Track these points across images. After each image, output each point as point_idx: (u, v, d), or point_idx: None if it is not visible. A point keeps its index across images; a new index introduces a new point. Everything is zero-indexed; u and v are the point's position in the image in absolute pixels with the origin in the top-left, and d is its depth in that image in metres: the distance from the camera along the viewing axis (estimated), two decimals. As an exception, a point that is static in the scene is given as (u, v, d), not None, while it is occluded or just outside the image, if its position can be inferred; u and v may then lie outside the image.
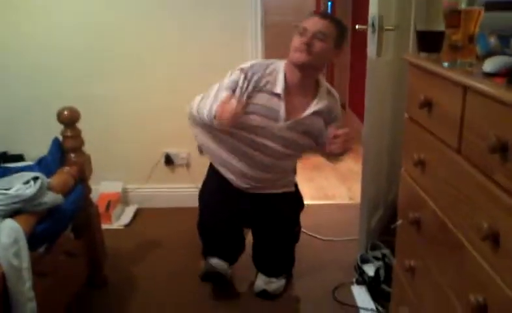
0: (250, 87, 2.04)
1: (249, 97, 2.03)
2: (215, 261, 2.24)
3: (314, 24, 2.01)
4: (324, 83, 2.19)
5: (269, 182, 2.20)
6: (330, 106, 2.15)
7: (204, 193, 2.32)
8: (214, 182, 2.27)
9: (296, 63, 2.03)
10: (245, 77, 2.04)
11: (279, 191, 2.24)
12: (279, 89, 2.04)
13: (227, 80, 2.08)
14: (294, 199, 2.34)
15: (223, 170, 2.20)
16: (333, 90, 2.22)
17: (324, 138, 2.11)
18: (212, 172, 2.27)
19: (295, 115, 2.08)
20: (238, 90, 2.03)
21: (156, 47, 3.00)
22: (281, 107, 2.04)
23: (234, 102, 1.95)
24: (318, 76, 2.15)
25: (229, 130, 2.05)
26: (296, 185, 2.35)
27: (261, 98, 2.05)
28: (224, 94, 2.03)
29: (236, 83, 2.05)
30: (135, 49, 3.00)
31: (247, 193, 2.20)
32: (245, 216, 2.27)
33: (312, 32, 1.99)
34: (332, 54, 2.09)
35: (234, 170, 2.16)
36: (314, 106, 2.10)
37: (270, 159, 2.11)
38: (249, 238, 2.40)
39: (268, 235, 2.30)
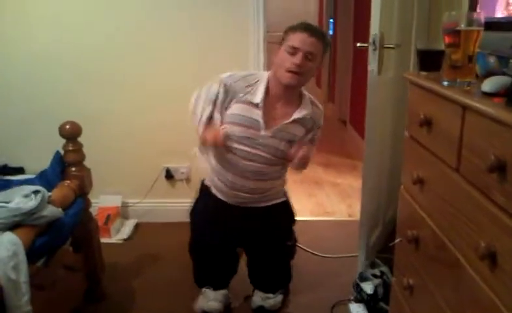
0: (229, 99, 2.06)
1: (228, 108, 2.06)
2: (207, 304, 2.23)
3: (303, 43, 1.97)
4: (307, 94, 2.17)
5: (260, 193, 2.16)
6: (314, 115, 2.13)
7: (194, 214, 2.29)
8: (205, 203, 2.25)
9: (288, 85, 2.03)
10: (225, 90, 2.05)
11: (270, 203, 2.21)
12: (257, 99, 2.04)
13: (207, 92, 2.07)
14: (285, 212, 2.31)
15: (214, 184, 2.18)
16: (317, 102, 2.20)
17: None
18: (203, 193, 2.26)
19: (276, 123, 2.07)
20: (218, 104, 2.05)
21: (156, 62, 3.02)
22: (260, 116, 2.04)
23: (214, 131, 1.99)
24: (301, 88, 2.14)
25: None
26: (287, 198, 2.32)
27: (241, 109, 2.05)
28: (207, 110, 2.05)
29: (217, 95, 2.05)
30: (135, 64, 3.02)
31: (237, 211, 2.16)
32: (237, 234, 2.24)
33: (303, 53, 1.97)
34: (317, 66, 2.08)
35: (226, 182, 2.13)
36: (296, 114, 2.08)
37: (261, 167, 2.09)
38: (243, 256, 2.38)
39: (261, 251, 2.29)
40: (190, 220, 2.31)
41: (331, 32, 6.79)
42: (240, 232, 2.23)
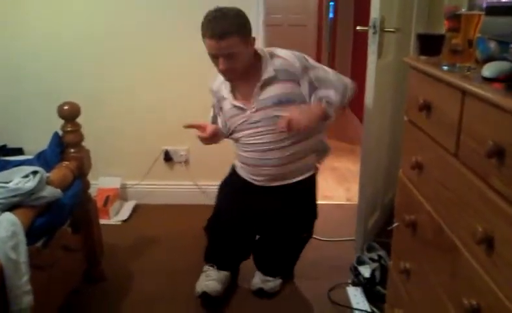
0: (218, 101, 2.23)
1: (220, 109, 2.23)
2: (207, 284, 2.21)
3: (217, 49, 1.95)
4: (266, 52, 2.13)
5: (280, 168, 2.14)
6: (283, 65, 2.08)
7: (221, 192, 2.34)
8: (232, 182, 2.30)
9: (231, 82, 2.13)
10: (214, 95, 2.24)
11: (299, 178, 2.18)
12: (224, 92, 2.17)
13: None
14: (311, 205, 2.31)
15: (239, 164, 2.26)
16: (279, 51, 2.14)
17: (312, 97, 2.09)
18: (232, 172, 2.32)
19: (251, 97, 2.09)
20: (217, 109, 2.26)
21: (156, 44, 3.00)
22: (235, 102, 2.13)
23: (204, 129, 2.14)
24: (253, 58, 2.09)
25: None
26: (314, 194, 2.32)
27: (224, 105, 2.19)
28: (211, 113, 2.29)
29: (213, 103, 2.28)
30: (135, 46, 3.00)
31: (262, 192, 2.19)
32: (259, 217, 2.24)
33: (222, 57, 1.97)
34: (248, 46, 2.04)
35: (247, 161, 2.18)
36: (262, 78, 2.07)
37: (266, 142, 2.10)
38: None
39: (276, 236, 2.30)
40: (217, 195, 2.35)
41: (331, 15, 6.74)
42: (262, 215, 2.24)
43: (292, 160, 2.13)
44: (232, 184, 2.30)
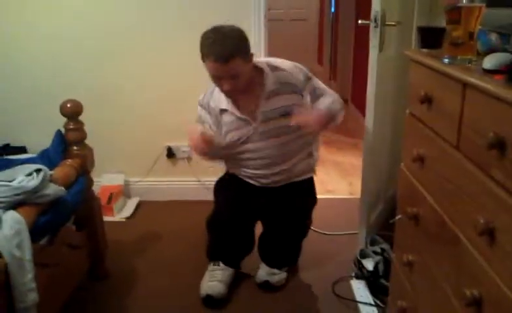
0: (213, 115, 2.17)
1: (218, 123, 2.16)
2: (210, 285, 2.22)
3: (221, 71, 1.95)
4: (265, 64, 2.13)
5: (286, 173, 2.20)
6: (285, 78, 2.11)
7: (219, 188, 2.35)
8: (230, 179, 2.31)
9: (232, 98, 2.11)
10: (207, 110, 2.20)
11: (299, 178, 2.26)
12: (224, 105, 2.13)
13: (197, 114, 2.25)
14: (310, 191, 2.35)
15: (237, 173, 2.27)
16: (281, 63, 2.15)
17: (310, 105, 2.14)
18: (228, 172, 2.34)
19: (255, 110, 2.10)
20: (207, 125, 2.19)
21: (158, 40, 3.00)
22: (238, 115, 2.11)
23: (199, 139, 2.04)
24: (253, 72, 2.09)
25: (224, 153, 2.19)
26: (313, 175, 2.35)
27: (223, 118, 2.15)
28: (195, 128, 2.16)
29: (202, 118, 2.23)
30: (137, 43, 3.01)
31: (262, 190, 2.23)
32: (259, 210, 2.29)
33: (227, 78, 1.97)
34: (249, 63, 2.03)
35: (251, 175, 2.22)
36: (265, 91, 2.08)
37: (274, 152, 2.14)
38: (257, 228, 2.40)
39: (280, 226, 2.31)
40: (214, 193, 2.36)
41: (332, 9, 6.73)
42: (262, 208, 2.28)
43: (294, 166, 2.21)
44: (230, 181, 2.31)
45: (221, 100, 2.13)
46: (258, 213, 2.32)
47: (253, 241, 2.39)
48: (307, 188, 2.33)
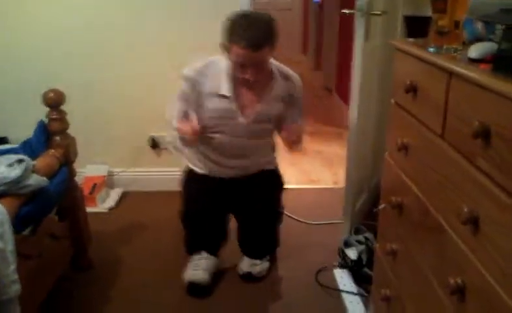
0: (196, 93, 2.07)
1: (200, 104, 2.07)
2: (194, 273, 2.22)
3: (249, 59, 1.90)
4: (276, 67, 2.13)
5: (249, 166, 2.24)
6: (290, 89, 2.15)
7: (185, 185, 2.32)
8: (194, 176, 2.28)
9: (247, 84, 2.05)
10: (191, 85, 2.07)
11: (260, 169, 2.27)
12: (225, 90, 2.04)
13: (177, 94, 2.14)
14: (275, 178, 2.35)
15: (198, 166, 2.25)
16: (291, 73, 2.17)
17: (284, 122, 2.14)
18: (190, 171, 2.31)
19: (252, 107, 2.09)
20: (191, 102, 2.07)
21: (143, 32, 2.97)
22: (233, 106, 2.06)
23: (189, 125, 2.01)
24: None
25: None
26: (276, 166, 2.37)
27: (212, 102, 2.07)
28: (179, 105, 2.11)
29: (186, 93, 2.09)
30: (122, 33, 2.97)
31: (226, 181, 2.23)
32: (229, 201, 2.29)
33: (252, 66, 1.93)
34: (271, 57, 2.04)
35: (213, 165, 2.21)
36: (270, 94, 2.09)
37: (243, 149, 2.17)
38: (233, 224, 2.40)
39: (251, 217, 2.31)
40: (181, 189, 2.33)
41: (317, -1, 6.73)
42: (230, 199, 2.27)
43: (250, 164, 2.24)
44: (195, 175, 2.28)
45: (221, 86, 2.05)
46: (228, 206, 2.32)
47: (226, 230, 2.38)
48: (271, 175, 2.33)
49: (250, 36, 1.86)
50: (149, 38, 2.98)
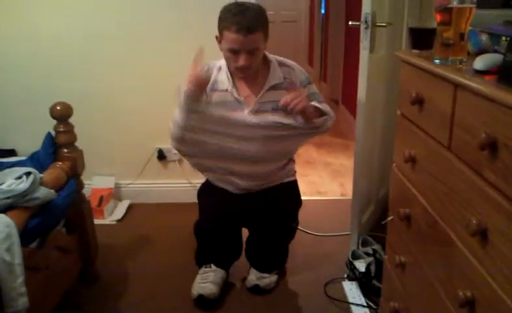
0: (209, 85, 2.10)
1: (207, 100, 2.11)
2: (202, 286, 2.19)
3: (241, 44, 1.95)
4: (273, 58, 2.19)
5: (267, 177, 2.23)
6: (289, 75, 2.17)
7: (201, 196, 2.35)
8: (210, 188, 2.30)
9: (242, 76, 2.10)
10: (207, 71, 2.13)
11: (279, 182, 2.27)
12: (225, 85, 2.12)
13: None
14: (293, 193, 2.35)
15: (221, 184, 2.26)
16: (287, 60, 2.22)
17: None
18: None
19: (253, 98, 2.12)
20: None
21: (149, 43, 2.99)
22: (234, 97, 2.11)
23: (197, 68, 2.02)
24: (263, 59, 2.15)
25: (211, 135, 2.08)
26: (295, 178, 2.37)
27: (218, 97, 2.13)
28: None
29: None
30: (128, 44, 2.99)
31: (244, 197, 2.24)
32: (244, 215, 2.29)
33: (244, 53, 1.98)
34: (265, 43, 2.09)
35: (232, 179, 2.20)
36: (268, 83, 2.11)
37: (259, 150, 2.11)
38: (244, 233, 2.40)
39: (266, 229, 2.30)
40: (198, 200, 2.35)
41: (323, 11, 6.74)
42: (246, 213, 2.28)
43: (272, 173, 2.23)
44: (211, 187, 2.30)
45: (220, 81, 2.14)
46: (243, 220, 2.32)
47: (240, 246, 2.38)
48: (290, 190, 2.33)
49: (242, 20, 1.93)
50: (157, 49, 3.00)
